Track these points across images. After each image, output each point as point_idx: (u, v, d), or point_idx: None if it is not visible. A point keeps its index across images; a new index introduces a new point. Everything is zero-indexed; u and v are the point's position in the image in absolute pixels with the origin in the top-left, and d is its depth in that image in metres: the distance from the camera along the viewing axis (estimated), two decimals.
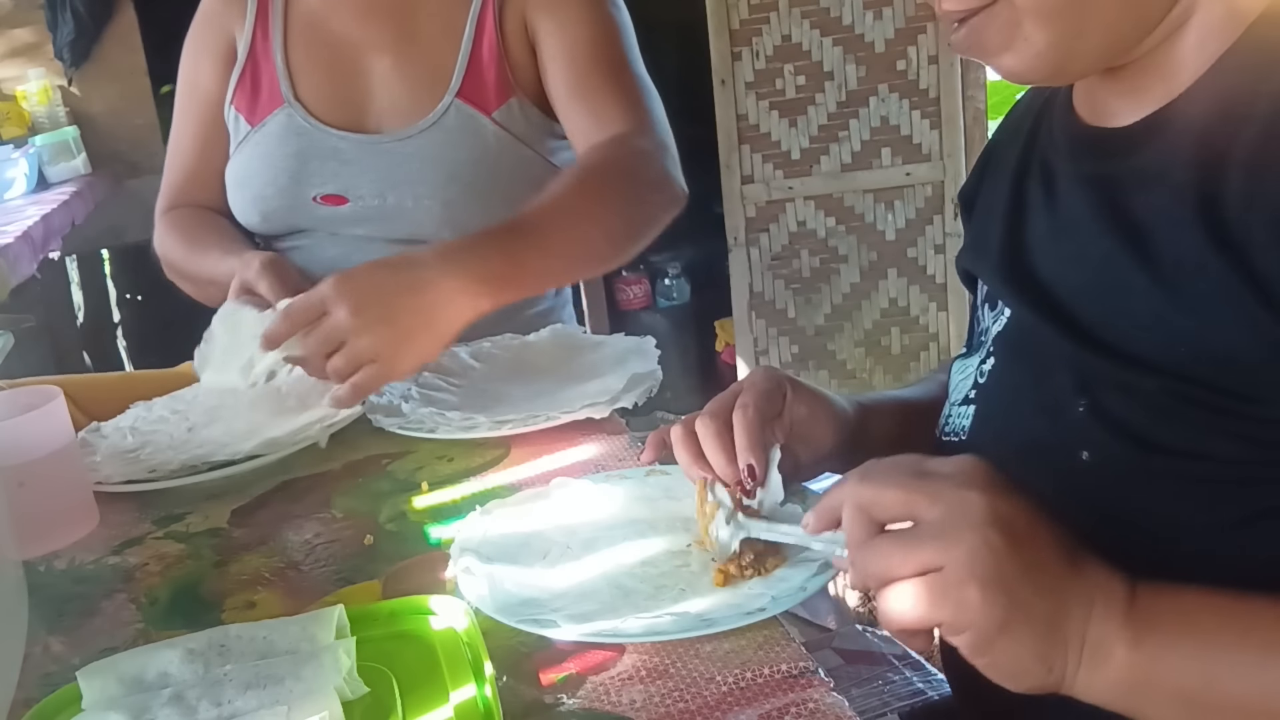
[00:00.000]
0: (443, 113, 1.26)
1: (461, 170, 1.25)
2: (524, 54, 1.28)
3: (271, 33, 1.32)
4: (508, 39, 1.28)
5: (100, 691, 0.67)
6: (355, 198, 1.26)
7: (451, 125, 1.26)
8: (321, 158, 1.27)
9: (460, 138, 1.26)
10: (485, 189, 1.26)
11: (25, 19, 2.98)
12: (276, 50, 1.31)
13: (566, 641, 0.70)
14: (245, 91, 1.32)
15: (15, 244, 2.08)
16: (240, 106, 1.32)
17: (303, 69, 1.30)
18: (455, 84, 1.26)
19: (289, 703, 0.64)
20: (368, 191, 1.26)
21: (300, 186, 1.27)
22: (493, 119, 1.26)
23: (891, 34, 2.82)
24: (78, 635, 0.80)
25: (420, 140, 1.26)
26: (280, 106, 1.29)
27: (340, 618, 0.72)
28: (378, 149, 1.27)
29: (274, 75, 1.30)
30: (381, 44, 1.29)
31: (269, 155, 1.29)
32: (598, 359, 1.16)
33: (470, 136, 1.26)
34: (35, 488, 0.90)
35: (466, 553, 0.79)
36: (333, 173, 1.27)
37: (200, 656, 0.69)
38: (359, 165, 1.26)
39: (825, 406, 0.81)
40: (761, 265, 2.98)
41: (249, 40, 1.32)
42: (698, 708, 0.63)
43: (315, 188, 1.27)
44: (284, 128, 1.29)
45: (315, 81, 1.30)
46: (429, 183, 1.25)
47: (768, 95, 2.87)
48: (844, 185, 2.89)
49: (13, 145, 2.70)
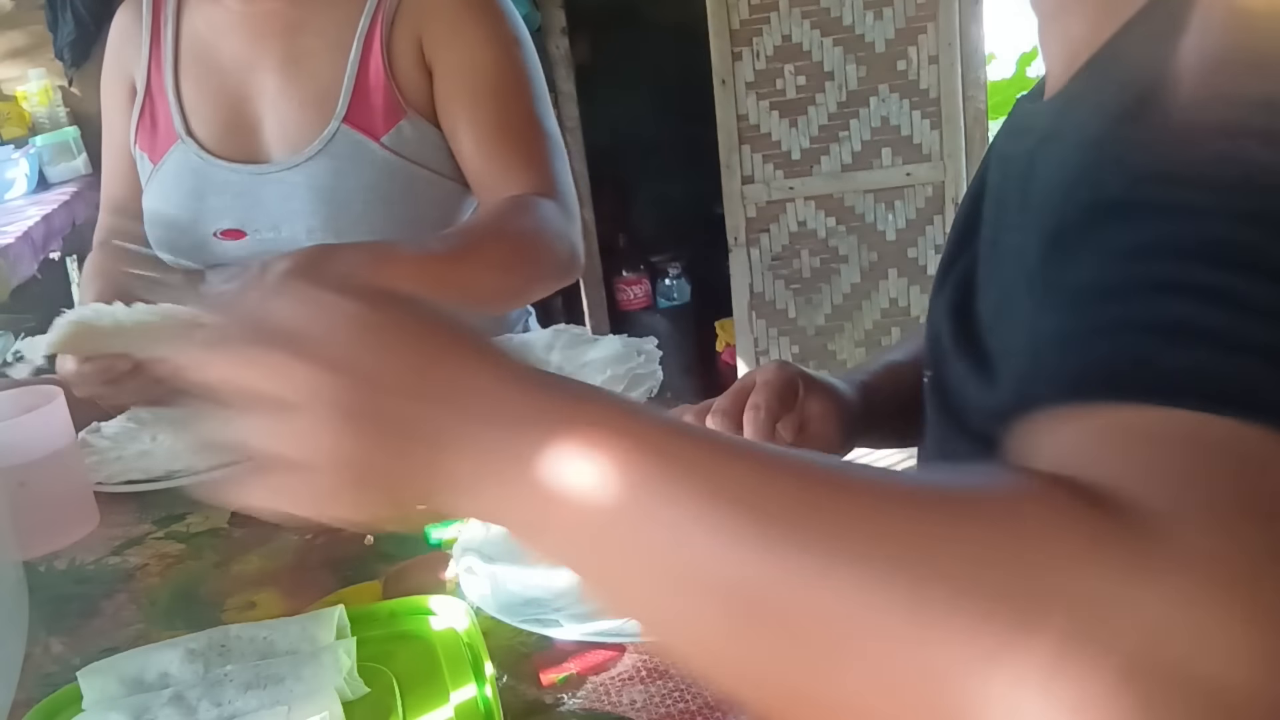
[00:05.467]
0: (329, 139, 1.20)
1: (352, 200, 1.19)
2: (416, 72, 1.21)
3: (164, 66, 1.27)
4: (396, 59, 1.20)
5: (101, 692, 0.67)
6: (252, 231, 1.21)
7: (340, 153, 1.20)
8: (217, 192, 1.22)
9: (349, 165, 1.19)
10: (379, 217, 1.20)
11: (25, 19, 2.98)
12: (169, 84, 1.26)
13: (567, 641, 0.70)
14: (146, 129, 1.28)
15: (16, 244, 2.08)
16: (143, 145, 1.28)
17: (194, 101, 1.25)
18: (341, 109, 1.20)
19: (289, 703, 0.64)
20: (263, 224, 1.21)
21: (200, 223, 1.23)
22: (382, 144, 1.20)
23: (892, 34, 2.82)
24: (78, 635, 0.80)
25: (308, 169, 1.20)
26: (175, 143, 1.25)
27: (340, 618, 0.72)
28: (268, 180, 1.21)
29: (168, 111, 1.26)
30: (268, 65, 1.23)
31: (169, 195, 1.25)
32: (598, 359, 1.16)
33: (359, 164, 1.19)
34: (36, 488, 0.90)
35: (469, 552, 0.79)
36: (227, 207, 1.22)
37: (201, 657, 0.69)
38: (251, 197, 1.22)
39: (836, 402, 0.81)
40: (762, 265, 2.98)
41: (145, 76, 1.28)
42: (698, 708, 0.63)
43: (214, 223, 1.22)
44: (180, 165, 1.24)
45: (206, 113, 1.25)
46: (319, 214, 1.19)
47: (768, 95, 2.86)
48: (844, 185, 2.89)
49: (13, 145, 2.70)
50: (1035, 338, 0.47)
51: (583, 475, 0.40)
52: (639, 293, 3.39)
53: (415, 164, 1.22)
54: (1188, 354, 0.38)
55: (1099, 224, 0.44)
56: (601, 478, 0.39)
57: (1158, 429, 0.38)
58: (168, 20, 1.27)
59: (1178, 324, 0.39)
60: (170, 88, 1.26)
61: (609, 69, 3.20)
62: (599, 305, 3.18)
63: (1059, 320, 0.44)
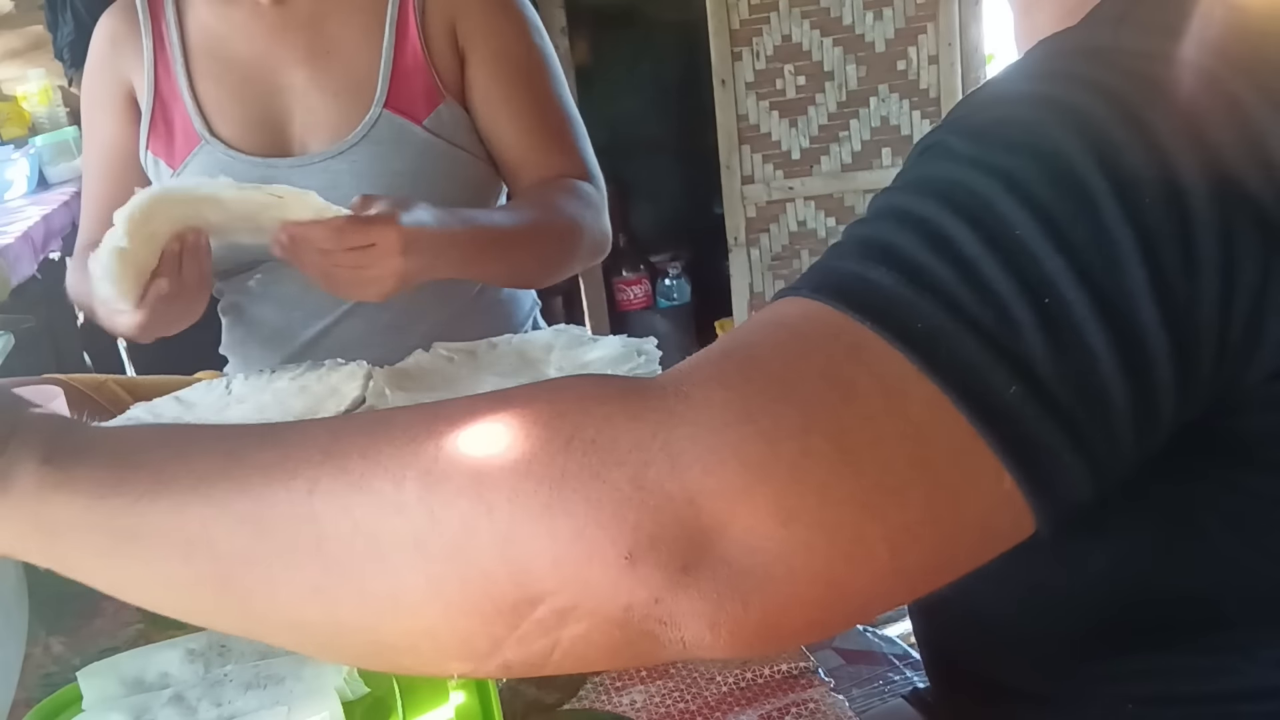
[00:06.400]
0: (371, 125, 1.21)
1: (398, 182, 1.20)
2: (450, 59, 1.24)
3: (174, 69, 1.25)
4: (432, 43, 1.23)
5: (101, 692, 0.67)
6: None
7: (382, 138, 1.21)
8: None
9: (393, 149, 1.21)
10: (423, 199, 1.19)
11: (25, 19, 2.98)
12: (183, 87, 1.24)
13: None
14: (159, 134, 1.26)
15: (16, 244, 2.08)
16: (158, 151, 1.27)
17: (215, 101, 1.24)
18: (381, 94, 1.21)
19: (289, 703, 0.64)
20: None
21: None
22: (424, 127, 1.22)
23: (892, 34, 2.82)
24: (78, 635, 0.80)
25: (351, 156, 1.21)
26: (199, 145, 1.23)
27: None
28: (309, 171, 1.21)
29: (185, 114, 1.24)
30: (294, 58, 1.23)
31: None
32: (598, 359, 1.16)
33: (403, 147, 1.22)
34: None
35: None
36: None
37: (201, 657, 0.69)
38: None
39: None
40: (762, 265, 2.98)
41: (152, 82, 1.26)
42: (698, 708, 0.63)
43: None
44: (206, 166, 1.22)
45: (230, 112, 1.24)
46: None
47: (768, 95, 2.87)
48: (844, 185, 2.89)
49: (13, 145, 2.70)
50: None
51: None
52: (639, 293, 3.39)
53: (455, 146, 1.24)
54: (861, 265, 0.43)
55: (910, 159, 0.49)
56: None
57: (772, 315, 0.44)
58: (170, 22, 1.26)
59: (882, 244, 0.43)
60: (185, 89, 1.24)
61: (609, 69, 3.20)
62: (599, 305, 3.18)
63: None
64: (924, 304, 0.40)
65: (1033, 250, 0.41)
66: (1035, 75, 0.47)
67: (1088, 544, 0.52)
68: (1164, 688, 0.55)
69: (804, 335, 0.42)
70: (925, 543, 0.40)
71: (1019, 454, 0.39)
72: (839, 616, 0.43)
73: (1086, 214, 0.41)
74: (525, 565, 0.38)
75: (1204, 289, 0.42)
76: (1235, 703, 0.53)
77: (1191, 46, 0.45)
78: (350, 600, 0.41)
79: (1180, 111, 0.43)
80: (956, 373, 0.39)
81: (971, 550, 0.42)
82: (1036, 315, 0.40)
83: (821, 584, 0.39)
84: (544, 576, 0.38)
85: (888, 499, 0.39)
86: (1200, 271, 0.41)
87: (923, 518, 0.39)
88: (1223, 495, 0.49)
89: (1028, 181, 0.42)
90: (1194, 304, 0.42)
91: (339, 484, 0.41)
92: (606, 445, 0.39)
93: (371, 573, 0.40)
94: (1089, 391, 0.40)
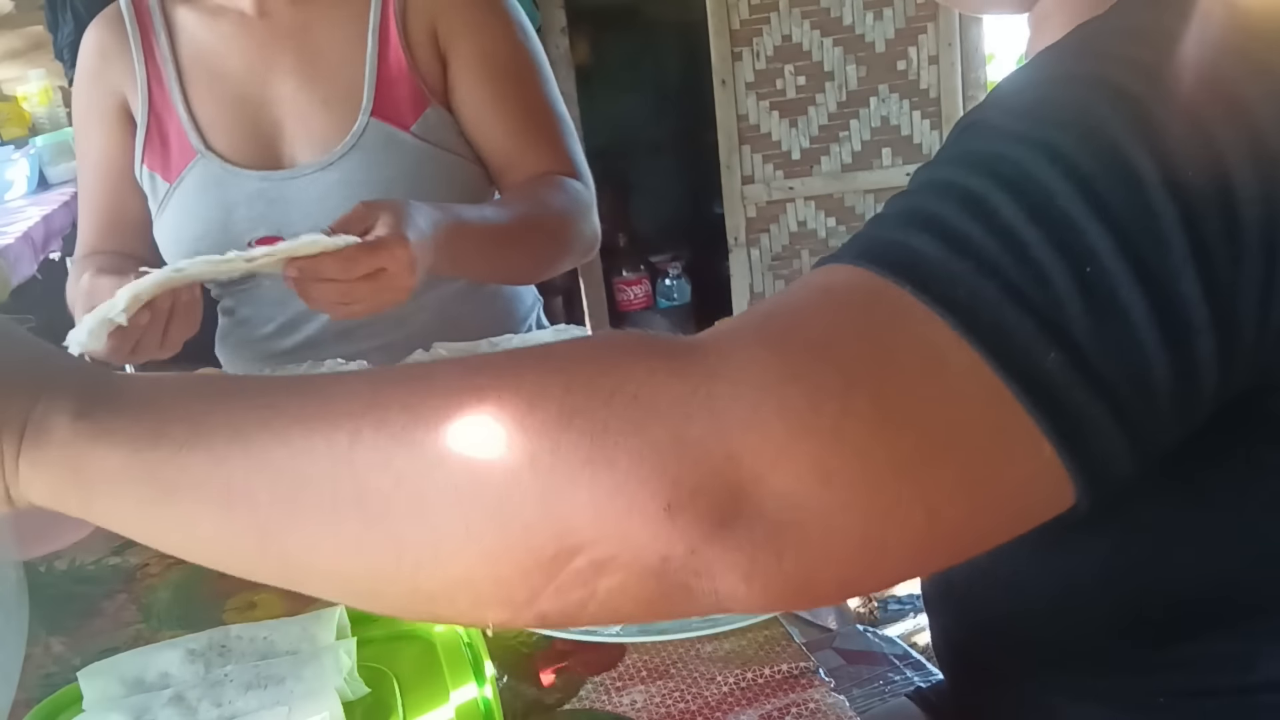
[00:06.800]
0: (360, 134, 1.21)
1: (390, 190, 1.19)
2: (433, 61, 1.24)
3: (167, 82, 1.25)
4: (414, 48, 1.22)
5: (101, 692, 0.67)
6: (290, 235, 1.17)
7: (371, 146, 1.21)
8: (248, 202, 1.22)
9: (382, 157, 1.21)
10: None
11: (25, 19, 2.98)
12: (177, 100, 1.24)
13: (567, 641, 0.70)
14: (155, 149, 1.26)
15: (16, 244, 2.08)
16: (153, 165, 1.26)
17: (209, 114, 1.24)
18: (367, 102, 1.21)
19: (290, 703, 0.64)
20: (300, 227, 1.18)
21: (232, 235, 1.22)
22: (412, 133, 1.22)
23: (891, 34, 2.82)
24: (78, 636, 0.80)
25: (342, 166, 1.21)
26: (194, 159, 1.23)
27: (341, 618, 0.72)
28: (301, 183, 1.21)
29: (180, 127, 1.24)
30: (282, 69, 1.23)
31: (193, 210, 1.23)
32: None
33: (391, 155, 1.21)
34: None
35: None
36: (260, 216, 1.21)
37: (201, 657, 0.69)
38: (284, 203, 1.21)
39: None
40: (762, 265, 2.98)
41: (145, 95, 1.25)
42: (698, 708, 0.63)
43: (248, 233, 1.21)
44: (203, 180, 1.23)
45: (224, 125, 1.24)
46: None
47: (768, 95, 2.87)
48: (844, 185, 2.89)
49: (13, 146, 2.70)
50: None
51: None
52: (639, 293, 3.39)
53: (443, 149, 1.24)
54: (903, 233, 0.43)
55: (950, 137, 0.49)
56: None
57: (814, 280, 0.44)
58: (159, 34, 1.25)
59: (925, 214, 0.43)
60: (179, 103, 1.24)
61: (609, 69, 3.20)
62: (599, 305, 3.18)
63: None
64: (966, 271, 0.41)
65: (1075, 221, 0.41)
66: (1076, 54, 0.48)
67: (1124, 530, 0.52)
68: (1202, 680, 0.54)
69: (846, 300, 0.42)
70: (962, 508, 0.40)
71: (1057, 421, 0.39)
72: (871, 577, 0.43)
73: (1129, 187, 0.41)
74: (565, 517, 0.39)
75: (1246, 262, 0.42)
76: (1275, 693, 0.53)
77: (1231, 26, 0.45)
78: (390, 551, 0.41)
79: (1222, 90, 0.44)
80: (997, 339, 0.39)
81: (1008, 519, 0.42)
82: (1078, 284, 0.40)
83: (856, 543, 0.39)
84: (583, 527, 0.38)
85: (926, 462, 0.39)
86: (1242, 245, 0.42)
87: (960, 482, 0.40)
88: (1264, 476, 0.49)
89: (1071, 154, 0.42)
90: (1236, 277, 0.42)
91: (380, 436, 0.41)
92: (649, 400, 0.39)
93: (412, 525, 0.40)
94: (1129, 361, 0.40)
